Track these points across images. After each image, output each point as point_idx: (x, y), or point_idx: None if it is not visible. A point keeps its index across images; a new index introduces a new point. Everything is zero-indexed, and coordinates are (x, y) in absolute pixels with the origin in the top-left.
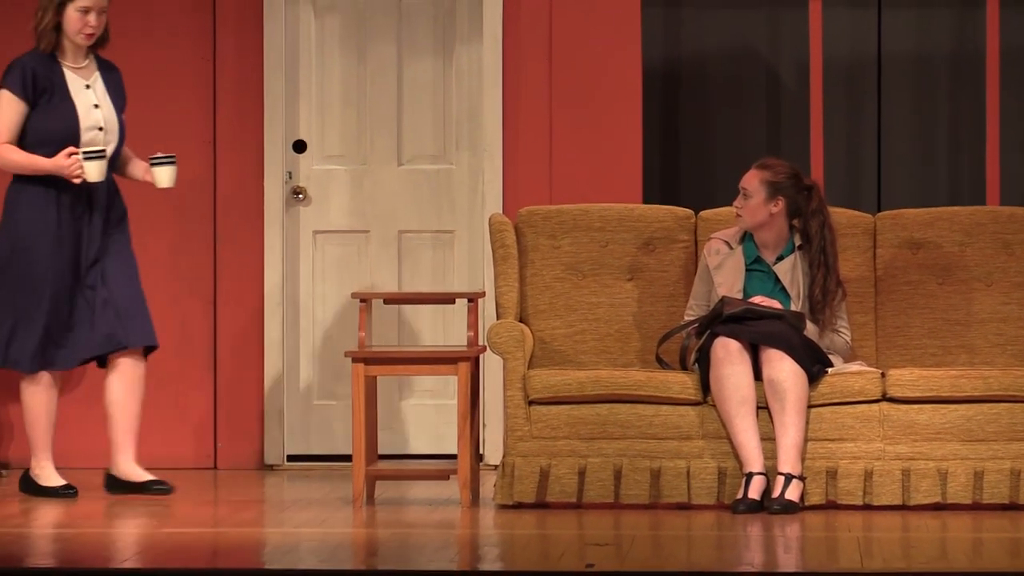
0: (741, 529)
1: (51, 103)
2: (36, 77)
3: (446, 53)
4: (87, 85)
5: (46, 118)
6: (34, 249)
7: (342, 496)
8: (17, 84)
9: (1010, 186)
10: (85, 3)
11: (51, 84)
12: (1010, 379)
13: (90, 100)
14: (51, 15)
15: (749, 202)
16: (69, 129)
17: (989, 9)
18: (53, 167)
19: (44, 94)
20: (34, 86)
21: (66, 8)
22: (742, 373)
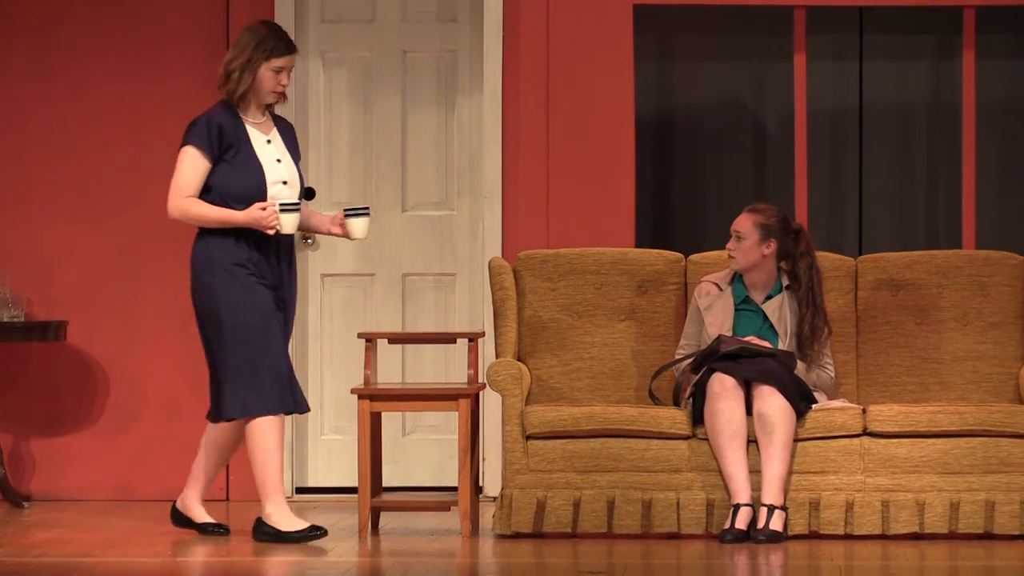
0: (728, 558)
1: (237, 158)
2: (222, 133)
3: (448, 105)
4: (268, 140)
5: (234, 173)
6: (243, 298)
7: (348, 526)
8: (203, 140)
9: (985, 230)
10: (279, 63)
11: (236, 139)
12: (985, 414)
13: (273, 154)
14: (247, 76)
15: (742, 244)
16: (258, 184)
17: (965, 62)
18: (249, 219)
19: (230, 149)
20: (220, 141)
21: (260, 68)
22: (735, 408)
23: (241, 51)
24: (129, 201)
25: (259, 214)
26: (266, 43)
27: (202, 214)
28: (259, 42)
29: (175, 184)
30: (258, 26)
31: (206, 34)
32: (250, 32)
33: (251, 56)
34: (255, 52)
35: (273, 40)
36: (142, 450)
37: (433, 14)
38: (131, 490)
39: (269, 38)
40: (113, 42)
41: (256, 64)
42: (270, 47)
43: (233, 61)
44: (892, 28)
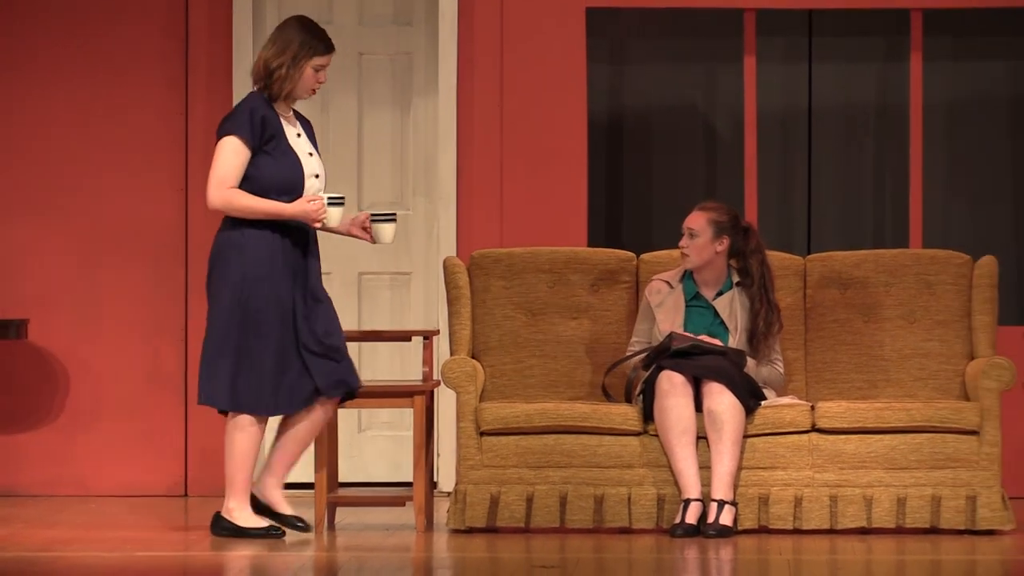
0: (679, 552)
1: (278, 150)
2: (265, 123)
3: (404, 106)
4: (298, 134)
5: (276, 165)
6: (262, 292)
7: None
8: (246, 130)
9: (931, 229)
10: (321, 61)
11: (276, 130)
12: (931, 411)
13: (304, 148)
14: (294, 73)
15: (696, 241)
16: (296, 177)
17: (912, 64)
18: (299, 211)
19: (271, 140)
20: (262, 132)
21: (303, 65)
22: (685, 405)
23: (285, 49)
24: (90, 199)
25: (309, 207)
26: (309, 42)
27: (249, 206)
28: (303, 41)
29: (216, 175)
30: (297, 24)
31: (165, 34)
32: (291, 30)
33: (297, 54)
34: (300, 50)
35: (316, 39)
36: (102, 446)
37: (389, 17)
38: (91, 486)
39: (311, 37)
40: (72, 41)
41: (301, 63)
42: (314, 46)
43: (277, 58)
44: (840, 31)
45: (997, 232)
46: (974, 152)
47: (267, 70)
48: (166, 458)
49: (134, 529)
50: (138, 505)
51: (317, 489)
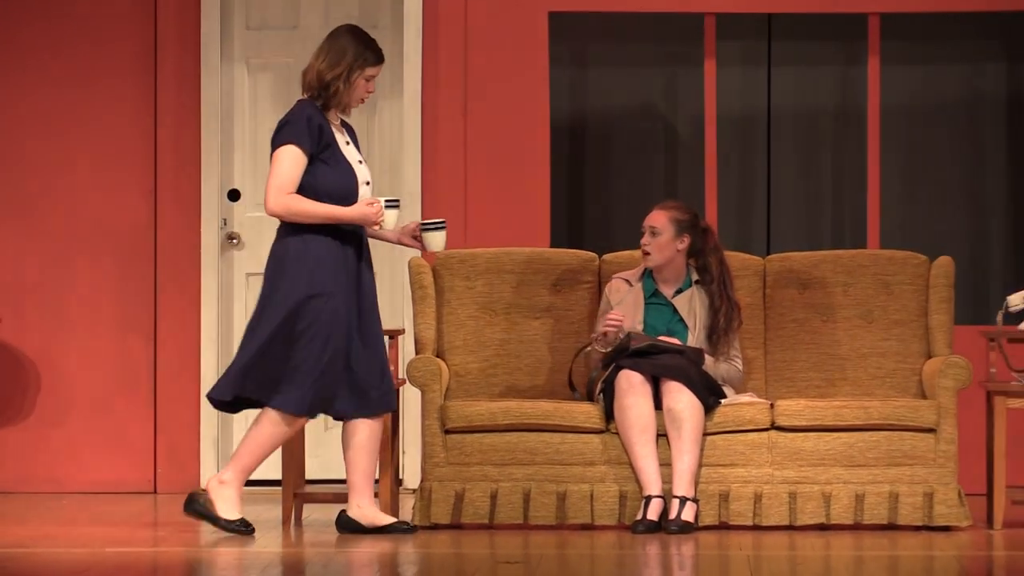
0: (640, 548)
1: (333, 158)
2: (321, 131)
3: (369, 109)
4: (347, 142)
5: (331, 172)
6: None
7: (272, 518)
8: (304, 139)
9: (889, 230)
10: (373, 72)
11: (330, 139)
12: (889, 409)
13: (355, 156)
14: (346, 85)
15: (658, 239)
16: (351, 184)
17: (870, 67)
18: (358, 214)
19: (326, 149)
20: (319, 140)
21: (355, 76)
22: (643, 403)
23: (338, 60)
24: (60, 200)
25: (368, 210)
26: (363, 53)
27: (308, 210)
28: (356, 52)
29: (275, 182)
30: (349, 35)
31: (135, 38)
32: (344, 40)
33: (351, 66)
34: (355, 62)
35: (368, 50)
36: (73, 444)
37: (355, 21)
38: (61, 483)
39: (364, 48)
40: (42, 45)
41: (354, 74)
42: (366, 57)
43: (332, 71)
44: (799, 35)
45: (953, 233)
46: (931, 154)
47: (321, 82)
48: (136, 455)
49: (104, 525)
50: (108, 501)
51: (284, 486)
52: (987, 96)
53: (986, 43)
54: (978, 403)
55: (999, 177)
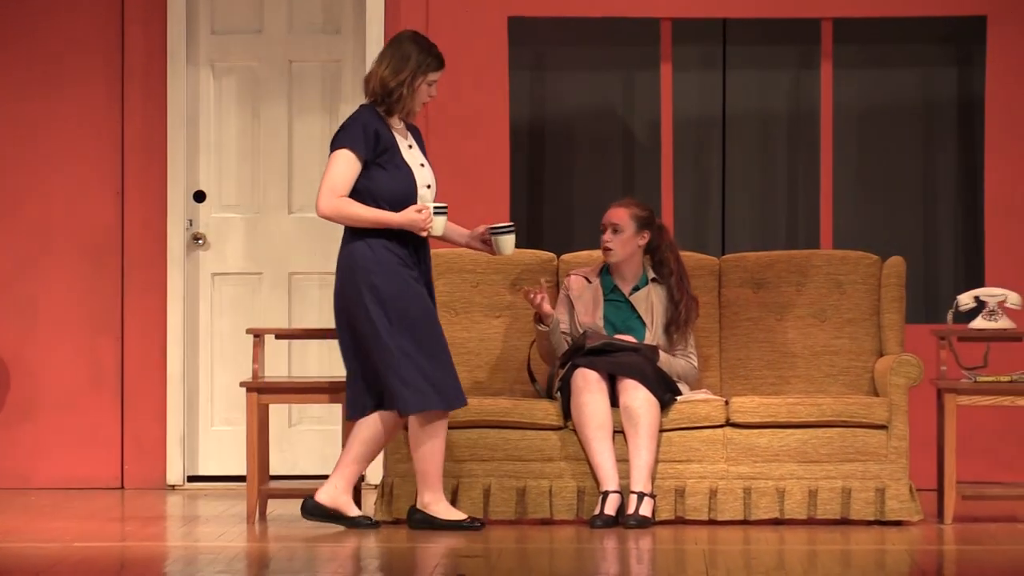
0: (598, 542)
1: (392, 163)
2: (378, 136)
3: (333, 112)
4: (409, 145)
5: (388, 177)
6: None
7: (237, 513)
8: (359, 144)
9: (842, 231)
10: (435, 77)
11: (390, 144)
12: (841, 406)
13: (416, 159)
14: (409, 91)
15: (620, 236)
16: (409, 189)
17: (823, 71)
18: (406, 220)
19: (385, 153)
20: (375, 145)
21: (418, 82)
22: (600, 401)
23: (401, 66)
24: (29, 201)
25: (416, 216)
26: (425, 60)
27: (357, 214)
28: (419, 59)
29: (328, 185)
30: (411, 41)
31: (101, 39)
32: (406, 47)
33: (414, 71)
34: (417, 68)
35: (430, 56)
36: (41, 440)
37: (318, 26)
38: (30, 479)
39: (426, 55)
40: (9, 46)
41: (417, 79)
42: (429, 63)
43: (395, 77)
44: (754, 39)
45: (905, 234)
46: (883, 156)
47: (385, 88)
48: (103, 452)
49: (72, 520)
50: (76, 497)
51: (249, 482)
52: (938, 99)
53: (937, 47)
54: (929, 400)
55: (950, 179)
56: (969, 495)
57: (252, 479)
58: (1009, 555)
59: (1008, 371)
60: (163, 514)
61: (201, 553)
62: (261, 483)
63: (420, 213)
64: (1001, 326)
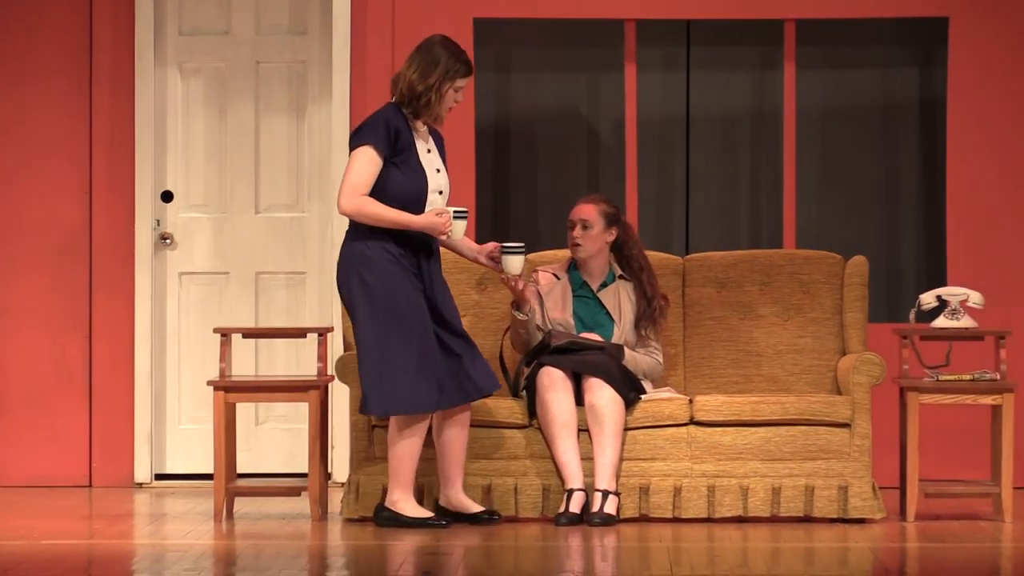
0: (563, 540)
1: (407, 164)
2: (399, 135)
3: (299, 112)
4: (428, 149)
5: (401, 178)
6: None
7: (204, 511)
8: (381, 141)
9: (805, 231)
10: (462, 84)
11: (407, 144)
12: (805, 404)
13: (433, 164)
14: (436, 96)
15: (590, 232)
16: (420, 191)
17: (786, 72)
18: (427, 223)
19: (402, 153)
20: (395, 144)
21: (445, 87)
22: (565, 399)
23: (429, 71)
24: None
25: (436, 219)
26: (454, 66)
27: (378, 214)
28: (447, 64)
29: (350, 182)
30: (440, 47)
31: (71, 44)
32: (436, 51)
33: (442, 77)
34: (445, 75)
35: (459, 62)
36: (9, 439)
37: (285, 27)
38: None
39: (455, 61)
40: None
41: (444, 86)
42: (457, 69)
43: (423, 82)
44: (717, 40)
45: (868, 233)
46: (846, 157)
47: (412, 92)
48: (71, 450)
49: (39, 518)
50: (44, 495)
51: (216, 480)
52: (900, 100)
53: (899, 49)
54: (892, 399)
55: (912, 179)
56: (931, 493)
57: (219, 477)
58: (971, 552)
59: (970, 370)
60: (130, 512)
61: (168, 551)
62: (228, 481)
63: (440, 216)
64: (963, 325)
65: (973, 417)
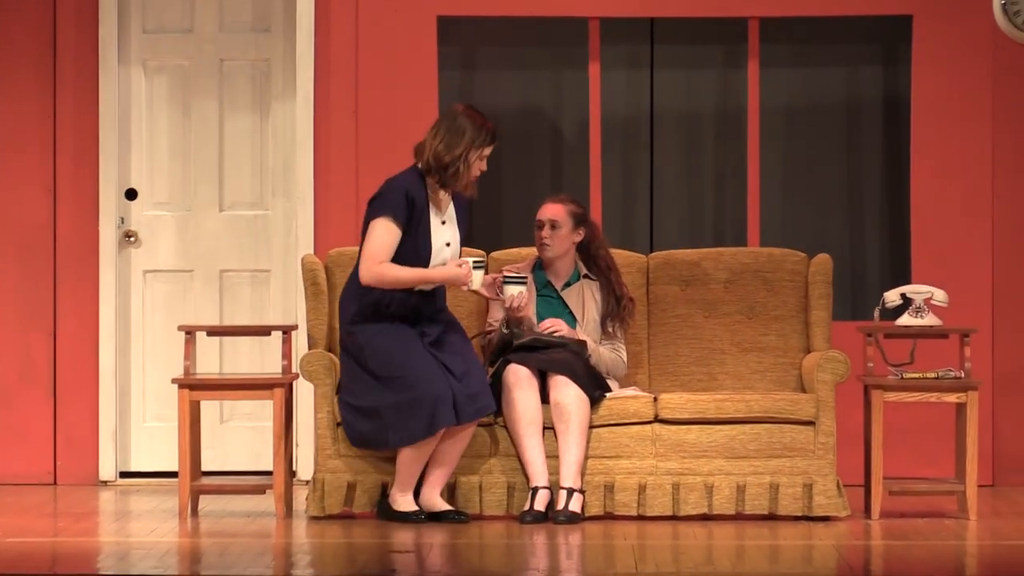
0: (528, 537)
1: (413, 233)
2: (414, 205)
3: (263, 110)
4: (443, 221)
5: (403, 249)
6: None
7: (169, 508)
8: (399, 212)
9: (769, 229)
10: (488, 152)
11: (421, 214)
12: (769, 402)
13: (443, 238)
14: (463, 166)
15: (559, 232)
16: (422, 260)
17: (750, 70)
18: (449, 275)
19: (411, 222)
20: (410, 213)
21: (471, 156)
22: (530, 397)
23: (455, 141)
24: None
25: (459, 271)
26: (478, 135)
27: (398, 278)
28: (473, 135)
29: (369, 252)
30: (464, 115)
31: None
32: (461, 121)
33: (469, 148)
34: (471, 145)
35: (483, 132)
36: None
37: (248, 24)
38: None
39: (479, 130)
40: None
41: (471, 156)
42: (482, 139)
43: (449, 152)
44: (681, 39)
45: (832, 231)
46: (810, 155)
47: (439, 163)
48: (35, 448)
49: (4, 516)
50: (8, 493)
51: (181, 477)
52: (864, 98)
53: (863, 47)
54: (856, 397)
55: (876, 177)
56: (896, 491)
57: (184, 475)
58: (935, 550)
59: (934, 367)
60: (95, 510)
61: (133, 548)
62: (193, 479)
63: (461, 268)
64: (927, 323)
65: (937, 415)
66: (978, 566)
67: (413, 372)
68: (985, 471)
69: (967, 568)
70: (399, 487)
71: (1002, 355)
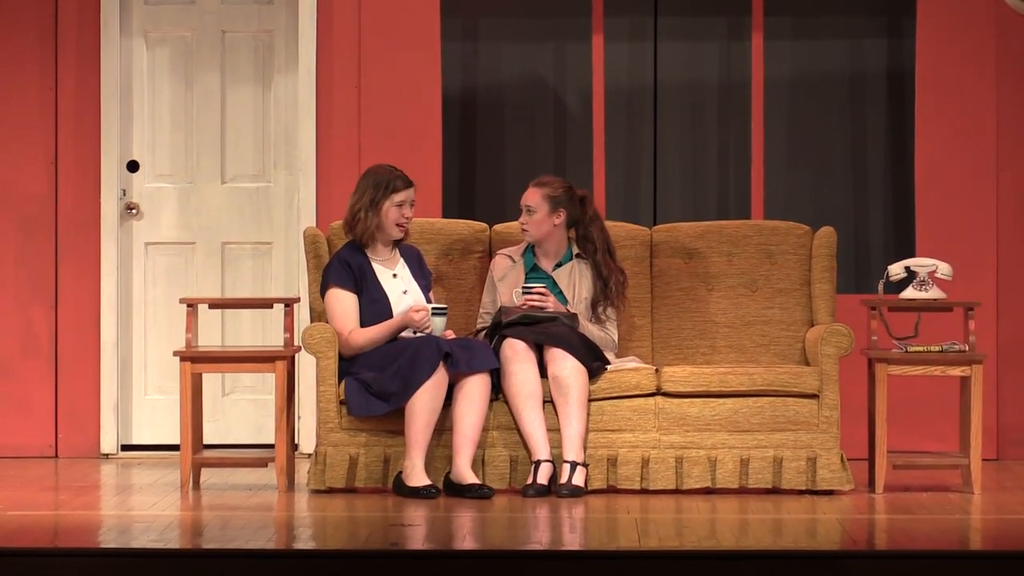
0: (531, 511)
1: (367, 294)
2: (350, 267)
3: (265, 82)
4: (394, 274)
5: (364, 307)
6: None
7: (171, 482)
8: (342, 278)
9: (772, 201)
10: (400, 197)
11: (364, 275)
12: (772, 375)
13: (399, 287)
14: (372, 215)
15: (534, 217)
16: (385, 315)
17: (754, 42)
18: (406, 320)
19: (359, 283)
20: (353, 275)
21: (382, 205)
22: (529, 371)
23: (363, 193)
24: None
25: (414, 316)
26: (384, 181)
27: (368, 338)
28: (378, 182)
29: (336, 327)
30: (372, 168)
31: (36, 14)
32: (369, 173)
33: (374, 195)
34: (376, 191)
35: (390, 178)
36: None
37: None
38: None
39: (386, 177)
40: None
41: (380, 202)
42: (389, 183)
43: (358, 203)
44: (685, 10)
45: (836, 204)
46: (814, 127)
47: (355, 218)
48: (37, 421)
49: (5, 489)
50: (10, 466)
51: (183, 450)
52: (868, 71)
53: (867, 19)
54: (860, 370)
55: (880, 150)
56: (900, 464)
57: (185, 448)
58: (939, 524)
59: (938, 341)
60: (97, 483)
61: (135, 522)
62: (195, 452)
63: (418, 313)
64: (931, 296)
65: (942, 388)
66: (982, 540)
67: (405, 342)
68: (989, 445)
69: (971, 542)
70: (409, 459)
71: (1007, 328)
